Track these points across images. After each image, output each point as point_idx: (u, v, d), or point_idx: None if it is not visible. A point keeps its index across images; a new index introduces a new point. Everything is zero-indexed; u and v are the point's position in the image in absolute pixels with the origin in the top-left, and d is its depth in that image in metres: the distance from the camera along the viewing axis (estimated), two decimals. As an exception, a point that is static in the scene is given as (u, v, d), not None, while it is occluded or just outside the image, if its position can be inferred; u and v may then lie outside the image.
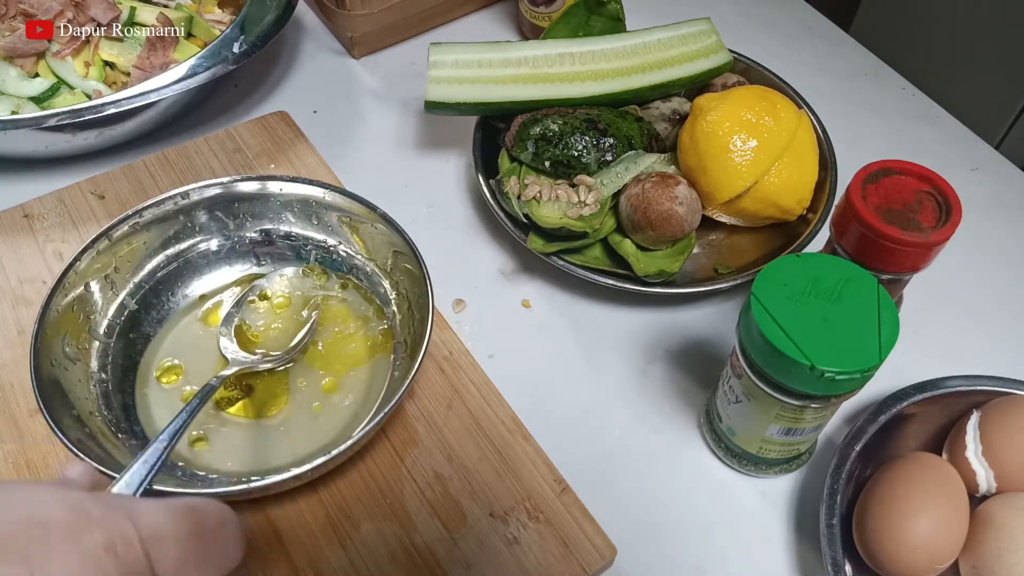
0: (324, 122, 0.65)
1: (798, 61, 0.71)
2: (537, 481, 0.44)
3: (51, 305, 0.43)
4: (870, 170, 0.44)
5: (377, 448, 0.45)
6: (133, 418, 0.45)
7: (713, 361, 0.52)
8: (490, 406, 0.47)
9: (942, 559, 0.39)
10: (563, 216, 0.51)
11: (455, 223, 0.59)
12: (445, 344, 0.50)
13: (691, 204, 0.51)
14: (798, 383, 0.37)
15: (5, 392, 0.47)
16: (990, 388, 0.46)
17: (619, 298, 0.54)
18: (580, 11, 0.61)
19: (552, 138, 0.53)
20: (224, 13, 0.67)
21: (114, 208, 0.56)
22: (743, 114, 0.51)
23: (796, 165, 0.51)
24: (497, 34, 0.73)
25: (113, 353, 0.46)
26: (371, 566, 0.41)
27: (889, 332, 0.36)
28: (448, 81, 0.56)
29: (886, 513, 0.40)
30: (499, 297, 0.55)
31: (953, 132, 0.68)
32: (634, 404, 0.50)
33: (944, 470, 0.41)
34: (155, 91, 0.55)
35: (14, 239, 0.54)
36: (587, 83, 0.56)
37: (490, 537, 0.42)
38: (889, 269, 0.43)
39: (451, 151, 0.64)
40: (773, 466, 0.46)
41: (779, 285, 0.38)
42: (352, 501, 0.44)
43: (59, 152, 0.59)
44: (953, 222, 0.42)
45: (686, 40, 0.58)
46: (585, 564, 0.42)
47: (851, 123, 0.66)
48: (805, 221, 0.55)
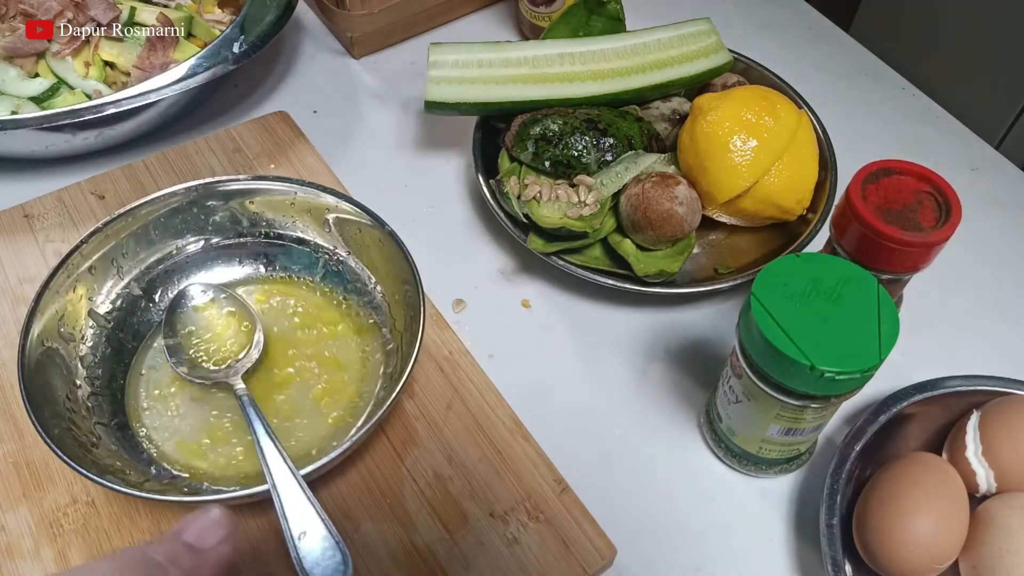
0: (324, 122, 0.65)
1: (798, 61, 0.71)
2: (537, 481, 0.44)
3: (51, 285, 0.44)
4: (870, 170, 0.44)
5: (377, 448, 0.45)
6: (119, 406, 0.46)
7: (713, 361, 0.52)
8: (490, 406, 0.47)
9: (942, 559, 0.39)
10: (563, 216, 0.51)
11: (455, 223, 0.59)
12: (445, 344, 0.50)
13: (691, 204, 0.51)
14: (798, 383, 0.37)
15: (5, 392, 0.47)
16: (990, 388, 0.46)
17: (619, 298, 0.54)
18: (580, 11, 0.61)
19: (552, 138, 0.53)
20: (224, 13, 0.67)
21: (114, 208, 0.56)
22: (743, 114, 0.51)
23: (796, 165, 0.51)
24: (497, 34, 0.73)
25: (109, 339, 0.47)
26: (371, 566, 0.41)
27: (889, 332, 0.36)
28: (448, 81, 0.56)
29: (886, 513, 0.40)
30: (499, 297, 0.55)
31: (953, 132, 0.68)
32: (634, 404, 0.50)
33: (944, 470, 0.41)
34: (155, 91, 0.55)
35: (14, 239, 0.54)
36: (587, 83, 0.56)
37: (490, 537, 0.42)
38: (889, 269, 0.43)
39: (451, 151, 0.64)
40: (773, 466, 0.46)
41: (779, 285, 0.38)
42: (352, 501, 0.44)
43: (59, 152, 0.59)
44: (953, 222, 0.42)
45: (686, 40, 0.58)
46: (585, 564, 0.42)
47: (851, 123, 0.66)
48: (805, 221, 0.55)
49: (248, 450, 0.45)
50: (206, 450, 0.45)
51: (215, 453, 0.44)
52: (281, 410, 0.46)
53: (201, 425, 0.45)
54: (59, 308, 0.45)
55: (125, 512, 0.43)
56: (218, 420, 0.46)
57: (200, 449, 0.45)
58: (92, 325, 0.47)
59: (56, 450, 0.38)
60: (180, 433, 0.45)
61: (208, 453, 0.44)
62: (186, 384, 0.47)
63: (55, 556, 0.42)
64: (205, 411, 0.46)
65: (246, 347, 0.47)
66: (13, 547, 0.42)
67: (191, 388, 0.47)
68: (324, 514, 0.38)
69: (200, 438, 0.45)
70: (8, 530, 0.42)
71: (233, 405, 0.46)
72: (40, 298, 0.43)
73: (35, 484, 0.44)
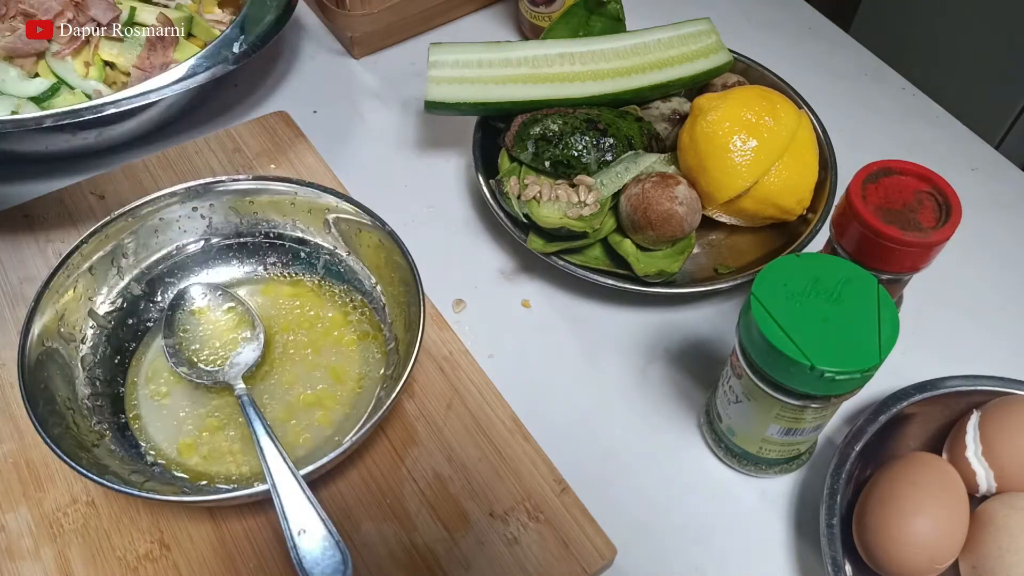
0: (324, 122, 0.65)
1: (798, 61, 0.71)
2: (537, 481, 0.44)
3: (51, 285, 0.44)
4: (870, 170, 0.44)
5: (377, 448, 0.45)
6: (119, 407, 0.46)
7: (713, 361, 0.52)
8: (490, 406, 0.47)
9: (942, 559, 0.39)
10: (563, 216, 0.51)
11: (455, 223, 0.59)
12: (445, 344, 0.50)
13: (691, 204, 0.51)
14: (798, 383, 0.37)
15: (5, 392, 0.47)
16: (990, 388, 0.46)
17: (619, 298, 0.54)
18: (580, 11, 0.61)
19: (552, 138, 0.53)
20: (224, 13, 0.67)
21: (114, 208, 0.56)
22: (743, 114, 0.51)
23: (796, 165, 0.51)
24: (497, 34, 0.73)
25: (109, 339, 0.47)
26: (371, 566, 0.41)
27: (889, 332, 0.36)
28: (448, 81, 0.56)
29: (886, 513, 0.40)
30: (499, 297, 0.55)
31: (953, 132, 0.68)
32: (634, 404, 0.50)
33: (944, 470, 0.41)
34: (155, 91, 0.55)
35: (14, 239, 0.54)
36: (587, 83, 0.56)
37: (490, 537, 0.42)
38: (889, 269, 0.43)
39: (451, 151, 0.64)
40: (773, 466, 0.46)
41: (779, 285, 0.38)
42: (352, 501, 0.44)
43: (59, 152, 0.59)
44: (953, 222, 0.42)
45: (686, 40, 0.58)
46: (585, 564, 0.42)
47: (851, 123, 0.66)
48: (805, 221, 0.55)
49: (248, 450, 0.45)
50: (206, 450, 0.45)
51: (215, 453, 0.44)
52: (281, 410, 0.46)
53: (201, 425, 0.45)
54: (59, 308, 0.45)
55: (125, 512, 0.43)
56: (218, 420, 0.46)
57: (200, 449, 0.45)
58: (92, 325, 0.47)
59: (56, 450, 0.38)
60: (180, 433, 0.45)
61: (207, 453, 0.44)
62: (186, 384, 0.47)
63: (55, 556, 0.42)
64: (205, 411, 0.46)
65: (246, 347, 0.47)
66: (13, 547, 0.42)
67: (191, 388, 0.47)
68: (324, 514, 0.38)
69: (200, 438, 0.45)
70: (8, 530, 0.42)
71: (233, 405, 0.46)
72: (40, 298, 0.43)
73: (35, 484, 0.44)
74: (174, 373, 0.47)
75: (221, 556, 0.42)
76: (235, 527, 0.43)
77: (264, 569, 0.41)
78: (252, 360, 0.47)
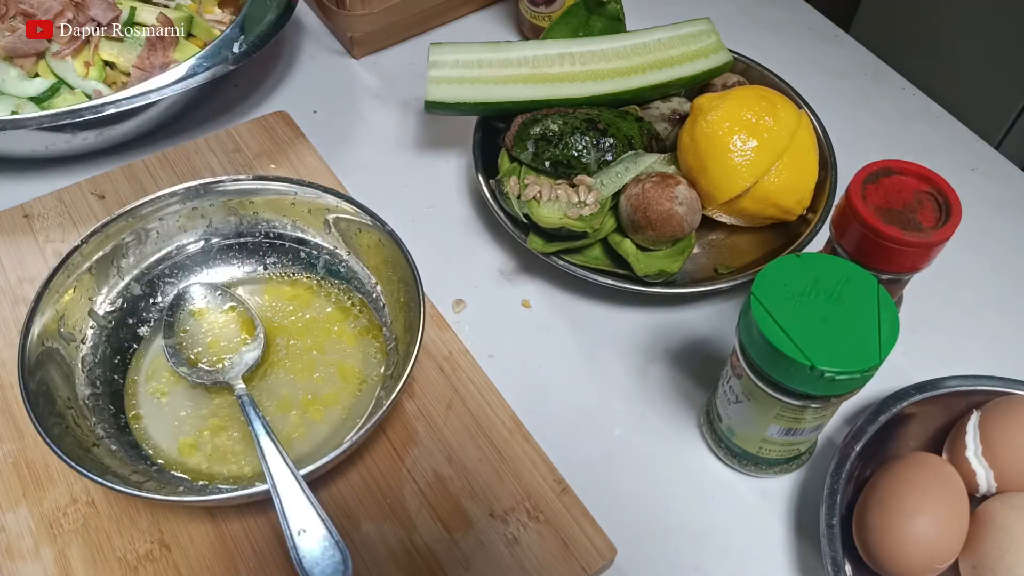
0: (324, 122, 0.65)
1: (798, 61, 0.71)
2: (537, 481, 0.44)
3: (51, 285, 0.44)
4: (870, 170, 0.44)
5: (377, 448, 0.45)
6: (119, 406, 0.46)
7: (713, 361, 0.52)
8: (490, 406, 0.47)
9: (942, 559, 0.39)
10: (563, 216, 0.51)
11: (455, 223, 0.59)
12: (445, 344, 0.50)
13: (691, 204, 0.51)
14: (798, 383, 0.37)
15: (5, 392, 0.47)
16: (990, 388, 0.46)
17: (619, 298, 0.54)
18: (580, 11, 0.61)
19: (552, 138, 0.53)
20: (224, 13, 0.67)
21: (114, 208, 0.56)
22: (743, 114, 0.51)
23: (796, 165, 0.51)
24: (497, 34, 0.73)
25: (109, 339, 0.47)
26: (371, 566, 0.41)
27: (889, 332, 0.36)
28: (448, 81, 0.56)
29: (886, 513, 0.40)
30: (499, 297, 0.55)
31: (953, 132, 0.68)
32: (634, 404, 0.50)
33: (944, 470, 0.41)
34: (155, 91, 0.55)
35: (14, 239, 0.54)
36: (587, 83, 0.56)
37: (490, 537, 0.42)
38: (889, 269, 0.43)
39: (451, 151, 0.64)
40: (773, 466, 0.46)
41: (779, 285, 0.38)
42: (352, 501, 0.44)
43: (59, 152, 0.59)
44: (953, 222, 0.42)
45: (686, 40, 0.58)
46: (585, 564, 0.42)
47: (851, 123, 0.66)
48: (805, 221, 0.55)
49: (248, 450, 0.45)
50: (206, 450, 0.45)
51: (215, 453, 0.44)
52: (281, 410, 0.46)
53: (201, 425, 0.45)
54: (59, 308, 0.45)
55: (125, 512, 0.43)
56: (218, 420, 0.46)
57: (200, 449, 0.45)
58: (92, 325, 0.47)
59: (56, 450, 0.38)
60: (180, 433, 0.45)
61: (208, 453, 0.44)
62: (186, 384, 0.47)
63: (55, 556, 0.42)
64: (205, 411, 0.46)
65: (246, 347, 0.47)
66: (13, 547, 0.42)
67: (191, 388, 0.47)
68: (324, 513, 0.38)
69: (200, 438, 0.45)
70: (8, 530, 0.42)
71: (233, 405, 0.46)
72: (40, 298, 0.43)
73: (35, 484, 0.44)
74: (174, 372, 0.47)
75: (221, 556, 0.42)
76: (235, 527, 0.43)
77: (264, 569, 0.41)
78: (252, 360, 0.47)
